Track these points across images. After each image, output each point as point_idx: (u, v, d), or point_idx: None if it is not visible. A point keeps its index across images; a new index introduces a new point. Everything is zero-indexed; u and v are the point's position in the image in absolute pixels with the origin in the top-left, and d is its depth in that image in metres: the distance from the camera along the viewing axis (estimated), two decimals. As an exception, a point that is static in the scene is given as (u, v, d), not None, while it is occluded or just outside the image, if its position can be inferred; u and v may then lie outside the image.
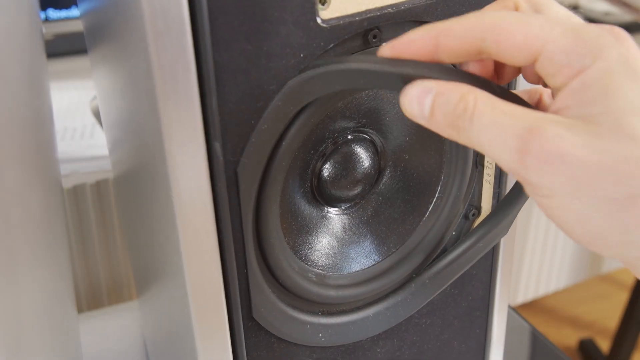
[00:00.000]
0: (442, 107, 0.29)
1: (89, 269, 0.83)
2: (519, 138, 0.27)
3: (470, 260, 0.42)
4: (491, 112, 0.28)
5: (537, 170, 0.27)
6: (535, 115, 0.27)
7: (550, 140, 0.26)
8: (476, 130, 0.28)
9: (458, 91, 0.29)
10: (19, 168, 0.34)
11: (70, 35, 1.00)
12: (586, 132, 0.26)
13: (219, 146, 0.32)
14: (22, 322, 0.35)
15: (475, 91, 0.29)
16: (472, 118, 0.28)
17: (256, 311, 0.37)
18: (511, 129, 0.27)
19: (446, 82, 0.29)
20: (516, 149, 0.27)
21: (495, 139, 0.28)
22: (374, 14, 0.34)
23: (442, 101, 0.29)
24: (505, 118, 0.28)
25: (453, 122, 0.29)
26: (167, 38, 0.29)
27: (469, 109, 0.29)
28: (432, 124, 0.30)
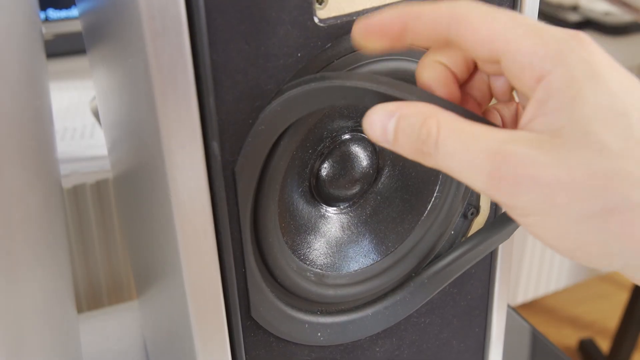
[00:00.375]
0: (406, 132, 0.29)
1: (89, 269, 0.83)
2: (489, 163, 0.26)
3: (469, 262, 0.42)
4: (456, 136, 0.27)
5: (511, 193, 0.27)
6: (502, 136, 0.27)
7: (520, 163, 0.26)
8: (442, 156, 0.28)
9: (421, 114, 0.28)
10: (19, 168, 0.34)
11: (70, 35, 1.00)
12: (554, 148, 0.26)
13: (217, 146, 0.32)
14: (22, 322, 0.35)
15: (438, 113, 0.28)
16: (436, 144, 0.28)
17: (255, 310, 0.37)
18: (479, 153, 0.27)
19: (409, 104, 0.29)
20: (487, 173, 0.27)
21: (464, 164, 0.27)
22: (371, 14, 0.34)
23: (405, 125, 0.29)
24: (472, 142, 0.27)
25: (418, 148, 0.28)
26: (165, 38, 0.29)
27: (432, 134, 0.28)
28: (397, 148, 0.29)
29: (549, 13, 1.23)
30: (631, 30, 1.18)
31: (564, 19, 1.20)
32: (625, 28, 1.17)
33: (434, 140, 0.28)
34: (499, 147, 0.26)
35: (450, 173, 0.28)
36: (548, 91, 0.27)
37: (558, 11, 1.23)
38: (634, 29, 1.18)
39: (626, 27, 1.17)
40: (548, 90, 0.27)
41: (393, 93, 0.29)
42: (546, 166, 0.26)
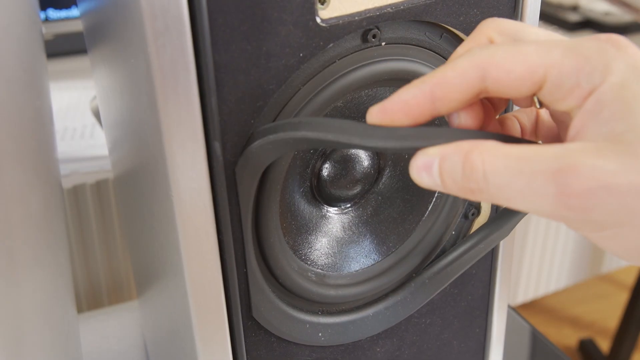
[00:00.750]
0: (450, 173, 0.27)
1: (89, 269, 0.83)
2: (553, 182, 0.24)
3: (470, 261, 0.42)
4: (505, 163, 0.25)
5: (585, 209, 0.25)
6: (557, 151, 0.25)
7: (589, 175, 0.24)
8: (495, 189, 0.26)
9: (461, 152, 0.26)
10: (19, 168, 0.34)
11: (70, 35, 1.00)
12: (619, 154, 0.24)
13: (219, 146, 0.32)
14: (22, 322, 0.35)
15: (479, 145, 0.26)
16: (485, 177, 0.26)
17: (256, 310, 0.37)
18: (538, 175, 0.25)
19: (446, 145, 0.27)
20: (553, 194, 0.25)
21: (523, 191, 0.25)
22: (373, 14, 0.34)
23: (448, 167, 0.27)
24: (526, 165, 0.25)
25: (466, 187, 0.27)
26: (167, 38, 0.29)
27: (477, 168, 0.26)
28: (447, 190, 0.28)
29: (549, 13, 1.23)
30: (631, 30, 1.18)
31: (564, 19, 1.20)
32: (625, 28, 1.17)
33: (481, 174, 0.26)
34: (558, 164, 0.24)
35: (509, 204, 0.26)
36: (600, 101, 0.26)
37: (558, 11, 1.23)
38: (634, 29, 1.18)
39: (626, 27, 1.17)
40: (599, 101, 0.26)
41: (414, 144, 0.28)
42: (616, 173, 0.24)
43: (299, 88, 0.33)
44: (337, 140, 0.29)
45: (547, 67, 0.26)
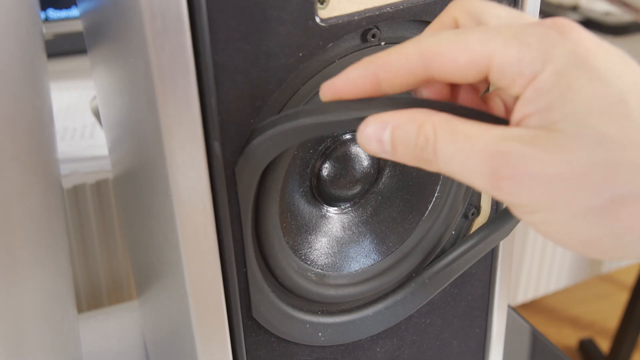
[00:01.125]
0: (403, 141, 0.28)
1: (89, 269, 0.83)
2: (487, 164, 0.26)
3: (470, 261, 0.42)
4: (452, 139, 0.27)
5: (513, 192, 0.26)
6: (497, 134, 0.26)
7: (519, 162, 0.25)
8: (442, 161, 0.27)
9: (415, 121, 0.28)
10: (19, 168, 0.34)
11: (70, 35, 1.00)
12: (551, 144, 0.25)
13: (218, 145, 0.32)
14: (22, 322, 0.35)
15: (433, 117, 0.27)
16: (435, 149, 0.27)
17: (256, 310, 0.37)
18: (477, 154, 0.26)
19: (401, 111, 0.28)
20: (487, 174, 0.26)
21: (464, 167, 0.27)
22: (372, 13, 0.34)
23: (401, 134, 0.28)
24: (468, 143, 0.26)
25: (417, 155, 0.28)
26: (166, 37, 0.29)
27: (429, 139, 0.27)
28: (396, 158, 0.29)
29: (549, 13, 1.23)
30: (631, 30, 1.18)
31: (564, 19, 1.20)
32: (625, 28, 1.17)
33: (432, 146, 0.27)
34: (495, 147, 0.26)
35: (452, 176, 0.28)
36: (539, 89, 0.26)
37: (558, 11, 1.23)
38: (634, 29, 1.18)
39: (626, 27, 1.17)
40: (539, 88, 0.26)
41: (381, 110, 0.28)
42: (545, 162, 0.25)
43: (298, 88, 0.33)
44: (336, 120, 0.29)
45: (489, 57, 0.27)
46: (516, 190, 0.26)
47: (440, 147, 0.27)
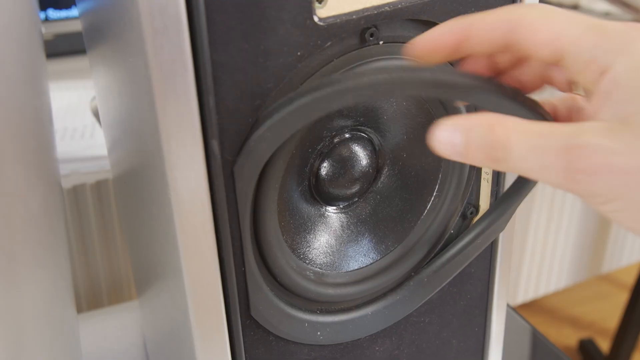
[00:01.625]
0: (477, 143, 0.29)
1: (89, 269, 0.83)
2: (563, 157, 0.27)
3: (468, 257, 0.42)
4: (526, 138, 0.28)
5: (588, 183, 0.27)
6: (570, 129, 0.27)
7: (593, 153, 0.26)
8: (516, 159, 0.28)
9: (487, 124, 0.29)
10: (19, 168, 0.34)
11: (70, 35, 1.00)
12: (624, 135, 0.26)
13: (217, 145, 0.32)
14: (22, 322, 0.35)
15: (502, 120, 0.29)
16: (508, 149, 0.28)
17: (254, 309, 0.37)
18: (552, 150, 0.27)
19: (471, 116, 0.30)
20: (562, 168, 0.27)
21: (538, 163, 0.28)
22: (371, 13, 0.34)
23: (475, 137, 0.29)
24: (542, 140, 0.28)
25: (490, 155, 0.29)
26: (165, 37, 0.29)
27: (502, 140, 0.28)
28: (468, 159, 0.30)
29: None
30: (631, 30, 1.17)
31: (563, 19, 1.20)
32: (625, 28, 1.17)
33: (504, 146, 0.28)
34: (569, 141, 0.27)
35: (525, 174, 0.29)
36: (613, 82, 0.27)
37: (558, 11, 1.23)
38: (634, 29, 1.18)
39: (626, 27, 1.17)
40: (613, 81, 0.27)
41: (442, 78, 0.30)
42: (619, 153, 0.26)
43: (297, 87, 0.33)
44: (332, 92, 0.30)
45: (569, 37, 0.28)
46: (591, 181, 0.27)
47: (515, 145, 0.28)
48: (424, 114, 0.39)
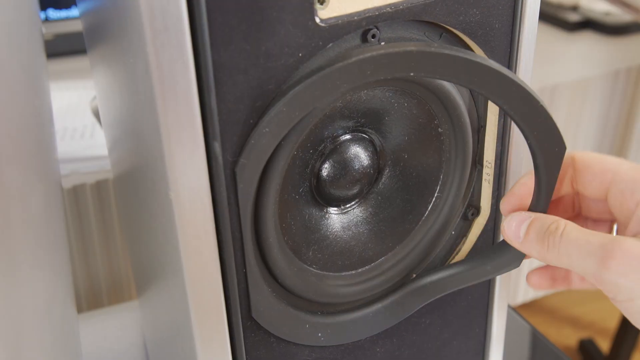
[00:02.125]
0: (537, 228, 0.37)
1: (89, 269, 0.83)
2: (602, 248, 0.33)
3: (475, 279, 0.42)
4: (578, 230, 0.35)
5: (620, 272, 0.33)
6: (614, 236, 0.34)
7: (629, 247, 0.33)
8: (564, 244, 0.35)
9: (551, 217, 0.37)
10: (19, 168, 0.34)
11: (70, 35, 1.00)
12: None
13: (218, 145, 0.32)
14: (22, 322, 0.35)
15: (562, 219, 0.37)
16: (562, 234, 0.35)
17: (255, 311, 0.37)
18: (595, 241, 0.34)
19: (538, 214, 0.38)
20: (600, 256, 0.33)
21: (582, 250, 0.34)
22: (372, 14, 0.34)
23: (538, 224, 0.37)
24: (590, 235, 0.35)
25: (544, 238, 0.36)
26: (166, 37, 0.29)
27: (560, 227, 0.36)
28: (524, 244, 0.37)
29: (549, 13, 1.23)
30: (631, 30, 1.17)
31: (564, 19, 1.20)
32: (625, 28, 1.17)
33: (560, 232, 0.35)
34: (611, 240, 0.34)
35: (567, 259, 0.35)
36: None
37: (558, 11, 1.23)
38: (634, 29, 1.18)
39: (626, 27, 1.17)
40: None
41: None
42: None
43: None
44: (323, 75, 0.31)
45: (614, 172, 0.37)
46: (623, 270, 0.33)
47: (567, 233, 0.35)
48: (425, 115, 0.39)
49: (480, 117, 0.41)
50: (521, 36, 0.39)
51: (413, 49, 0.32)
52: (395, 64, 0.32)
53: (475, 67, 0.33)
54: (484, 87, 0.34)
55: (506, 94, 0.34)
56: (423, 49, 0.32)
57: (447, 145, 0.40)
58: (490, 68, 0.33)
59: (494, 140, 0.41)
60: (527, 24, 0.38)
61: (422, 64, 0.32)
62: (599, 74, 1.02)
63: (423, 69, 0.32)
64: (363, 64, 0.31)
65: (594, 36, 1.16)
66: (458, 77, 0.33)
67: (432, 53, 0.32)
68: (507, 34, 0.38)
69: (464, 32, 0.37)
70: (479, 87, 0.34)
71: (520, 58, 0.39)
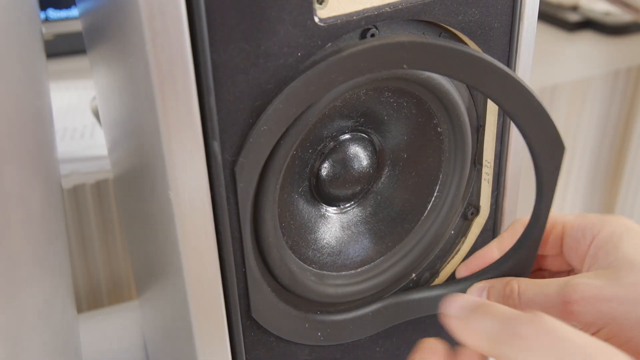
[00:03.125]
0: (495, 296, 0.38)
1: (89, 269, 0.83)
2: (560, 295, 0.35)
3: None
4: (533, 285, 0.37)
5: (581, 312, 0.35)
6: (566, 278, 0.36)
7: (584, 288, 0.35)
8: (525, 302, 0.37)
9: (502, 280, 0.38)
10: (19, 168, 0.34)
11: (70, 35, 1.00)
12: (608, 275, 0.35)
13: (218, 145, 0.32)
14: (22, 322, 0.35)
15: (514, 277, 0.38)
16: (519, 295, 0.37)
17: (255, 310, 0.37)
18: (552, 291, 0.36)
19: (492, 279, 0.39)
20: (561, 303, 0.35)
21: (543, 302, 0.36)
22: (371, 13, 0.34)
23: (494, 292, 0.38)
24: (545, 286, 0.36)
25: (505, 303, 0.37)
26: (165, 37, 0.29)
27: (514, 289, 0.37)
28: None
29: (548, 13, 1.23)
30: (631, 30, 1.17)
31: (563, 19, 1.20)
32: (625, 28, 1.17)
33: (516, 294, 0.37)
34: (565, 284, 0.35)
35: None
36: (597, 245, 0.37)
37: (558, 11, 1.23)
38: (634, 29, 1.18)
39: (626, 27, 1.17)
40: (597, 245, 0.37)
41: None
42: (604, 287, 0.35)
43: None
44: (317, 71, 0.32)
45: (564, 223, 0.40)
46: (583, 310, 0.35)
47: (524, 292, 0.37)
48: (424, 115, 0.39)
49: (480, 117, 0.41)
50: (520, 36, 0.39)
51: (405, 39, 0.32)
52: (388, 56, 0.32)
53: (466, 58, 0.33)
54: (476, 80, 0.34)
55: (497, 86, 0.34)
56: (415, 39, 0.32)
57: (447, 145, 0.40)
58: (482, 59, 0.33)
59: (494, 140, 0.41)
60: (526, 24, 0.38)
61: (415, 56, 0.32)
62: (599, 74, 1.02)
63: (416, 60, 0.32)
64: (356, 57, 0.31)
65: (594, 36, 1.16)
66: (450, 69, 0.33)
67: (424, 43, 0.32)
68: (506, 33, 0.38)
69: (463, 31, 0.37)
70: (471, 79, 0.34)
71: (519, 58, 0.39)
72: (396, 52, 0.32)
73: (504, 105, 0.35)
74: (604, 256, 0.36)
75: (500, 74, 0.34)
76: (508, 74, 0.34)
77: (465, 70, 0.33)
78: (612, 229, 0.37)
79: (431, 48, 0.32)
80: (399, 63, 0.32)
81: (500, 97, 0.34)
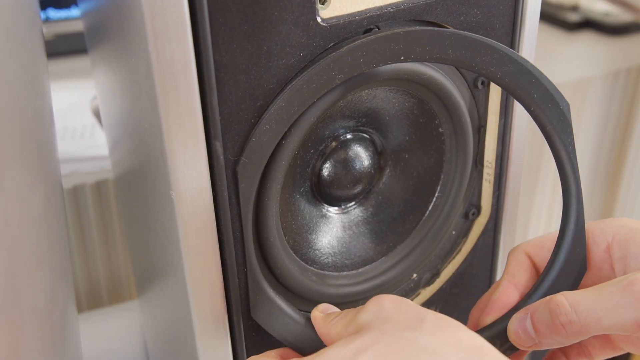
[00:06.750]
0: (541, 320, 0.33)
1: (89, 269, 0.83)
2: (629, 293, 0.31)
3: None
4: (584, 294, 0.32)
5: None
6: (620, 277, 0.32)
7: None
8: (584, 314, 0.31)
9: (543, 301, 0.33)
10: (19, 168, 0.34)
11: (70, 35, 1.00)
12: None
13: (220, 145, 0.32)
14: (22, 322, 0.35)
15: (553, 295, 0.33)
16: (572, 308, 0.32)
17: (255, 311, 0.37)
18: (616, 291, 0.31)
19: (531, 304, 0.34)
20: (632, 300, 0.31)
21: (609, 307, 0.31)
22: (373, 13, 0.34)
23: (538, 316, 0.33)
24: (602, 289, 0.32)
25: (556, 323, 0.32)
26: (167, 37, 0.29)
27: (563, 303, 0.32)
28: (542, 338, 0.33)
29: (549, 13, 1.23)
30: (631, 30, 1.17)
31: (564, 19, 1.20)
32: (625, 28, 1.17)
33: (568, 308, 0.32)
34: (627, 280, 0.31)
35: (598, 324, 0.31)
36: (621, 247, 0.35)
37: (558, 11, 1.23)
38: (634, 29, 1.18)
39: (626, 27, 1.17)
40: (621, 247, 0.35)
41: None
42: None
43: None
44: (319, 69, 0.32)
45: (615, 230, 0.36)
46: None
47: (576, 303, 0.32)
48: (425, 115, 0.39)
49: (481, 117, 0.41)
50: (522, 36, 0.39)
51: (400, 31, 0.32)
52: (386, 49, 0.32)
53: (461, 40, 0.33)
54: (472, 61, 0.33)
55: (496, 64, 0.33)
56: (410, 29, 0.32)
57: (448, 145, 0.40)
58: (477, 40, 0.33)
59: (495, 140, 0.41)
60: (527, 24, 0.38)
61: (412, 46, 0.32)
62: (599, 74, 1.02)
63: (413, 51, 0.32)
64: (355, 52, 0.31)
65: (594, 36, 1.16)
66: (446, 54, 0.33)
67: (419, 32, 0.32)
68: (508, 34, 0.38)
69: (464, 31, 0.37)
70: (468, 63, 0.33)
71: (521, 58, 0.39)
72: (393, 43, 0.32)
73: (496, 76, 0.34)
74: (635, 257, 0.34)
75: (490, 48, 0.33)
76: (505, 52, 0.33)
77: (458, 50, 0.33)
78: (626, 230, 0.35)
79: (426, 35, 0.32)
80: (397, 55, 0.32)
81: (488, 67, 0.34)
